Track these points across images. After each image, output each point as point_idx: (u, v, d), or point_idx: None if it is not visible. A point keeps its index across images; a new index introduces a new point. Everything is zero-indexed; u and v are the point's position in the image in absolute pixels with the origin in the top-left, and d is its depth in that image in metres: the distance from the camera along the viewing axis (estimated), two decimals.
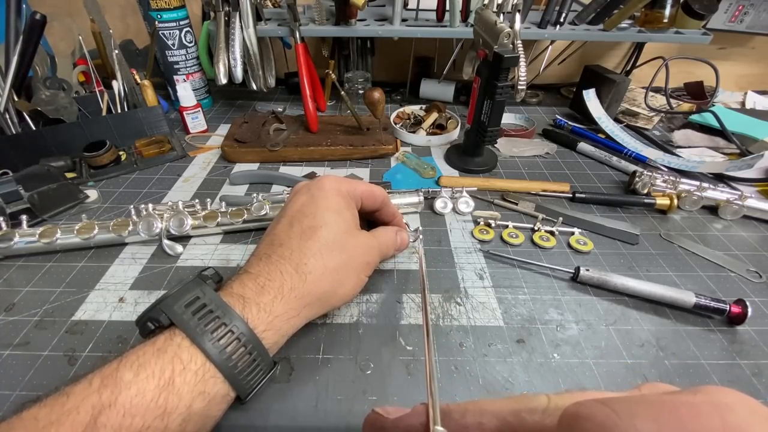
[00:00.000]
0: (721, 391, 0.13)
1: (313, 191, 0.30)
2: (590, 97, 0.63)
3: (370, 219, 0.36)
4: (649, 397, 0.14)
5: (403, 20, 0.64)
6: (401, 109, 0.67)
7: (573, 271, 0.36)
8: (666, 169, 0.53)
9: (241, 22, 0.57)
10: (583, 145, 0.58)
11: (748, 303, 0.32)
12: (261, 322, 0.24)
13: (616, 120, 0.64)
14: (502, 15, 0.54)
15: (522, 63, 0.59)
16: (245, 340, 0.23)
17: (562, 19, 0.62)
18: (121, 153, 0.54)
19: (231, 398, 0.24)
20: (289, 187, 0.49)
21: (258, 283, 0.26)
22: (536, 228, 0.42)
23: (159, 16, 0.59)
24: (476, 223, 0.44)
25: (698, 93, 0.72)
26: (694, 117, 0.64)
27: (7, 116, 0.49)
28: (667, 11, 0.62)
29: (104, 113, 0.56)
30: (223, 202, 0.42)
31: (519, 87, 0.59)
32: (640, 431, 0.12)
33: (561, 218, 0.43)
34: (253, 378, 0.24)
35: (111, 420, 0.19)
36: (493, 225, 0.43)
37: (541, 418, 0.16)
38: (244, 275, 0.27)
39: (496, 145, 0.56)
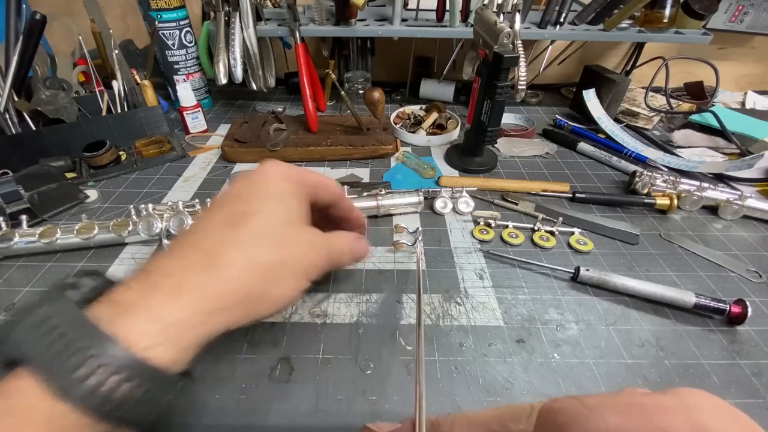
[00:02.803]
0: (691, 391, 0.14)
1: (253, 175, 0.25)
2: (590, 97, 0.63)
3: (327, 219, 0.30)
4: (620, 395, 0.14)
5: (403, 20, 0.64)
6: (401, 109, 0.67)
7: (573, 271, 0.36)
8: (666, 169, 0.53)
9: (241, 22, 0.57)
10: (583, 145, 0.58)
11: (748, 303, 0.32)
12: (145, 334, 0.17)
13: (616, 120, 0.64)
14: (502, 15, 0.54)
15: (522, 63, 0.59)
16: (123, 371, 0.16)
17: (562, 19, 0.62)
18: (121, 153, 0.54)
19: None
20: None
21: (149, 282, 0.19)
22: (536, 228, 0.42)
23: (159, 16, 0.59)
24: (476, 223, 0.44)
25: (698, 93, 0.72)
26: (694, 117, 0.64)
27: (7, 116, 0.49)
28: (667, 11, 0.62)
29: (104, 113, 0.56)
30: None
31: (519, 87, 0.59)
32: (608, 424, 0.13)
33: (561, 218, 0.43)
34: (148, 408, 0.17)
35: None
36: (493, 225, 0.43)
37: (525, 425, 0.16)
38: (135, 274, 0.20)
39: (496, 145, 0.56)
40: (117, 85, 0.56)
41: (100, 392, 0.16)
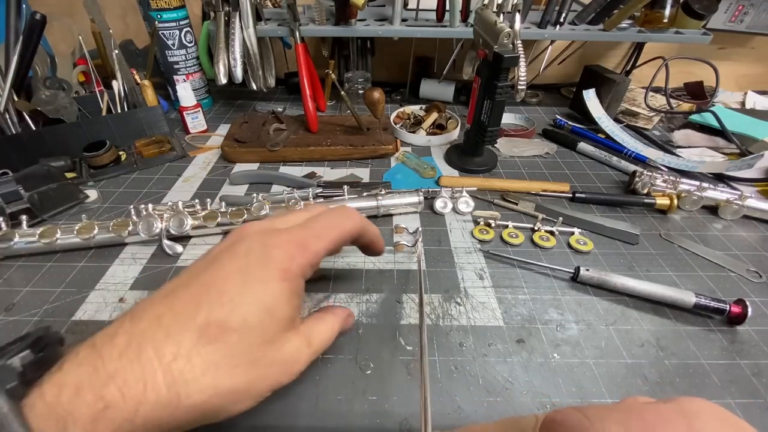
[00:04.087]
0: (691, 400, 0.14)
1: (252, 262, 0.21)
2: (590, 97, 0.63)
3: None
4: (621, 406, 0.15)
5: (403, 20, 0.64)
6: (401, 109, 0.67)
7: (573, 271, 0.36)
8: (666, 169, 0.53)
9: (241, 22, 0.57)
10: (583, 145, 0.58)
11: (748, 303, 0.32)
12: None
13: (616, 120, 0.64)
14: (502, 15, 0.54)
15: (522, 63, 0.59)
16: None
17: (562, 19, 0.62)
18: (121, 153, 0.54)
19: None
20: (289, 187, 0.49)
21: (102, 397, 0.17)
22: (536, 228, 0.42)
23: (159, 16, 0.59)
24: (476, 223, 0.44)
25: (698, 93, 0.72)
26: (694, 117, 0.64)
27: (7, 116, 0.49)
28: (667, 11, 0.62)
29: (104, 113, 0.56)
30: (223, 202, 0.42)
31: (519, 87, 0.59)
32: None
33: (561, 218, 0.43)
34: None
35: None
36: (493, 225, 0.43)
37: None
38: (89, 368, 0.17)
39: (496, 145, 0.56)
40: (117, 85, 0.56)
41: None
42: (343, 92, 0.55)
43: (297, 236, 0.23)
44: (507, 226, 0.43)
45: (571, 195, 0.48)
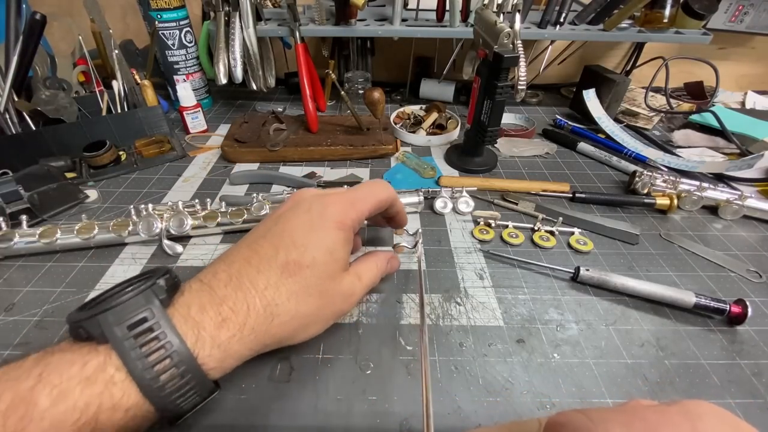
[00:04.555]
0: (695, 403, 0.14)
1: (314, 216, 0.27)
2: (590, 97, 0.63)
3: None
4: (624, 408, 0.15)
5: (403, 20, 0.64)
6: (401, 109, 0.67)
7: (573, 271, 0.36)
8: (666, 169, 0.53)
9: (241, 22, 0.57)
10: (583, 145, 0.58)
11: (748, 303, 0.32)
12: (211, 359, 0.22)
13: (616, 120, 0.64)
14: (502, 15, 0.54)
15: (522, 63, 0.59)
16: (188, 376, 0.21)
17: (562, 19, 0.62)
18: (121, 153, 0.54)
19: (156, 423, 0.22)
20: (289, 187, 0.49)
21: (220, 313, 0.22)
22: (536, 228, 0.42)
23: (159, 16, 0.59)
24: (476, 223, 0.44)
25: (698, 93, 0.72)
26: (694, 117, 0.64)
27: (7, 116, 0.49)
28: (667, 11, 0.62)
29: (104, 113, 0.56)
30: (223, 202, 0.42)
31: (519, 87, 0.59)
32: None
33: (561, 218, 0.43)
34: (185, 406, 0.22)
35: None
36: (493, 225, 0.43)
37: None
38: (206, 294, 0.23)
39: (496, 145, 0.56)
40: (117, 85, 0.56)
41: (164, 387, 0.20)
42: (343, 92, 0.55)
43: (347, 197, 0.29)
44: (507, 226, 0.43)
45: (571, 195, 0.48)
